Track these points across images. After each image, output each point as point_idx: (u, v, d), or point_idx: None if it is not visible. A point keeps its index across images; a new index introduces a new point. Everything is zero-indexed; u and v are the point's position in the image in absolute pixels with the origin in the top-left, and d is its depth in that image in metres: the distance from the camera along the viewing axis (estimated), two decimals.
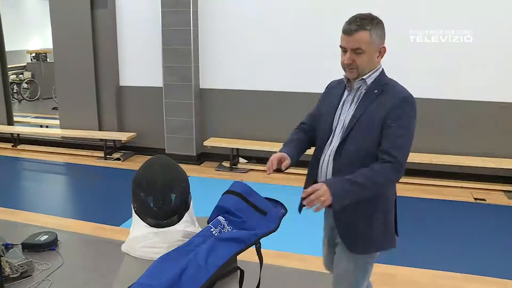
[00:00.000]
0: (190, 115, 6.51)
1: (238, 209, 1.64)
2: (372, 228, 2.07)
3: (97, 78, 7.07)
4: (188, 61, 6.33)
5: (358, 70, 1.99)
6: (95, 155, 7.08)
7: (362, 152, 1.97)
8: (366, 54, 1.95)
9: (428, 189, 5.50)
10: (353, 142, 1.99)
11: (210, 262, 1.40)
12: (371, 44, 1.95)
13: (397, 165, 1.90)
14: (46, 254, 3.82)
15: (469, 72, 5.45)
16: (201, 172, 6.26)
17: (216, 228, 1.56)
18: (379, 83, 2.01)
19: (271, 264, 3.50)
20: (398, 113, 1.93)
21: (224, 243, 1.47)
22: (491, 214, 4.85)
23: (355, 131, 1.99)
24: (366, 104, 2.00)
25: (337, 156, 2.04)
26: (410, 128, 1.96)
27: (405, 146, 1.94)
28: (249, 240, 1.55)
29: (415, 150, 5.63)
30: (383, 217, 2.08)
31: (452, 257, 3.84)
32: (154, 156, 1.55)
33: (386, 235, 2.12)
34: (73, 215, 4.80)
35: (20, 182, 6.17)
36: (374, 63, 2.01)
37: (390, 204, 2.12)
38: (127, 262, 1.47)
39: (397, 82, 2.07)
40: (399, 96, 1.96)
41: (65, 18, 7.00)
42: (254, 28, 6.16)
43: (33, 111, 11.75)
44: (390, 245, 2.16)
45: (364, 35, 1.93)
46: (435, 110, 5.62)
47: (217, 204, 1.69)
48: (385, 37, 2.02)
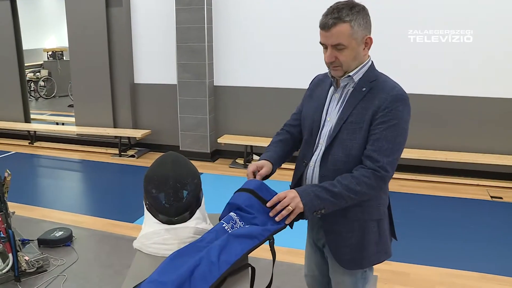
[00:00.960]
0: (204, 112, 6.53)
1: (249, 205, 1.62)
2: (366, 241, 1.85)
3: (112, 76, 7.13)
4: (202, 59, 6.34)
5: (343, 67, 1.76)
6: (109, 152, 7.14)
7: (350, 157, 1.76)
8: (349, 48, 1.71)
9: (443, 187, 5.44)
10: (340, 147, 1.77)
11: (223, 259, 1.40)
12: (353, 37, 1.69)
13: (381, 172, 1.67)
14: (61, 249, 3.87)
15: (483, 68, 5.38)
16: (215, 169, 6.28)
17: (228, 224, 1.55)
18: (367, 80, 1.78)
19: (282, 261, 3.50)
20: (386, 113, 1.69)
21: (237, 240, 1.47)
22: (508, 212, 4.78)
23: (342, 134, 1.77)
24: (354, 103, 1.77)
25: (323, 161, 1.82)
26: (401, 129, 1.72)
27: (392, 149, 1.70)
28: (262, 236, 1.53)
29: (430, 148, 5.66)
30: (376, 226, 1.86)
31: (468, 256, 3.79)
32: (166, 153, 1.56)
33: (382, 246, 1.90)
34: (88, 212, 4.85)
35: (36, 178, 6.25)
36: (361, 57, 1.77)
37: (383, 209, 1.88)
38: (138, 258, 1.47)
39: (388, 77, 1.82)
40: (389, 94, 1.72)
41: (81, 17, 7.07)
42: (268, 25, 6.14)
43: (50, 108, 11.90)
44: (386, 256, 1.95)
45: (343, 28, 1.67)
46: (452, 107, 5.57)
47: (229, 202, 1.68)
48: (371, 25, 1.76)
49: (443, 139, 5.68)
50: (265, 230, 1.56)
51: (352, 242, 1.86)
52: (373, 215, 1.84)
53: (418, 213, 4.73)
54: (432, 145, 5.74)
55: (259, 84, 6.38)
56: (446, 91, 5.55)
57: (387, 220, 1.93)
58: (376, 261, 1.93)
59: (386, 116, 1.69)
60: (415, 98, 5.63)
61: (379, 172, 1.67)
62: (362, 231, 1.85)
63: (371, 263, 1.93)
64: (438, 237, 4.15)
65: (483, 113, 5.49)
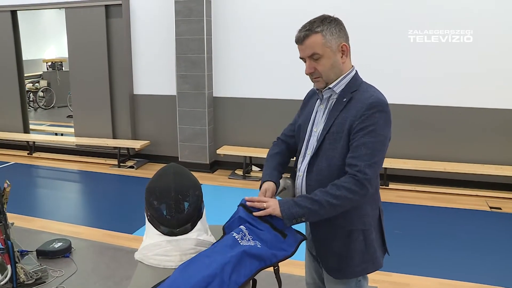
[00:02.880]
0: (203, 123, 6.55)
1: (257, 222, 1.66)
2: (350, 250, 1.86)
3: (112, 87, 7.16)
4: (201, 70, 6.37)
5: (323, 77, 1.83)
6: (108, 163, 7.14)
7: (333, 166, 1.79)
8: (325, 57, 1.78)
9: (442, 198, 5.45)
10: (324, 156, 1.82)
11: (233, 279, 1.40)
12: (326, 45, 1.77)
13: (359, 175, 1.68)
14: (60, 261, 3.85)
15: (482, 80, 5.42)
16: (214, 180, 6.28)
17: (238, 235, 1.56)
18: (349, 90, 1.82)
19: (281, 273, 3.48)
20: (363, 120, 1.72)
21: (248, 260, 1.47)
22: (507, 223, 4.78)
23: (325, 144, 1.82)
24: (335, 114, 1.81)
25: (309, 171, 1.87)
26: (378, 135, 1.73)
27: (371, 155, 1.71)
28: (269, 261, 1.54)
29: (428, 158, 5.68)
30: (362, 236, 1.86)
31: (467, 266, 3.79)
32: (168, 164, 1.56)
33: (368, 256, 1.89)
34: (87, 223, 4.84)
35: (35, 189, 6.24)
36: (339, 66, 1.82)
37: (371, 220, 1.88)
38: (140, 270, 1.47)
39: (371, 86, 1.85)
40: (367, 102, 1.74)
41: (81, 28, 7.12)
42: (267, 37, 6.19)
43: (49, 119, 11.92)
44: (374, 267, 1.92)
45: (315, 38, 1.77)
46: (450, 117, 5.60)
47: (238, 215, 1.70)
48: (346, 34, 1.83)
49: (442, 149, 5.70)
50: (273, 256, 1.57)
51: (337, 251, 1.89)
52: (356, 225, 1.86)
53: (417, 224, 4.73)
54: (430, 155, 5.76)
55: (258, 95, 6.41)
56: (445, 102, 5.59)
57: (376, 232, 1.93)
58: (363, 272, 1.93)
59: (363, 123, 1.73)
60: (413, 109, 5.67)
61: (357, 176, 1.69)
62: (346, 240, 1.87)
63: (358, 274, 1.93)
64: (437, 247, 4.15)
65: (482, 123, 5.52)
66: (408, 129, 5.76)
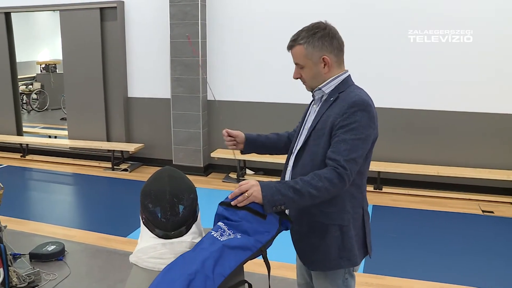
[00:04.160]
0: (197, 126, 6.55)
1: (233, 214, 1.65)
2: (326, 243, 1.92)
3: (106, 89, 7.15)
4: (196, 73, 6.38)
5: (307, 84, 1.97)
6: (102, 166, 7.12)
7: (316, 161, 1.87)
8: (307, 68, 1.91)
9: (435, 201, 5.48)
10: (308, 152, 1.92)
11: (217, 272, 1.41)
12: (307, 57, 1.88)
13: (339, 169, 1.73)
14: (53, 264, 3.84)
15: (477, 83, 5.46)
16: (208, 184, 6.28)
17: (217, 232, 1.57)
18: (337, 91, 1.91)
19: (275, 276, 3.50)
20: (345, 118, 1.80)
21: (232, 252, 1.48)
22: (499, 226, 4.82)
23: (310, 140, 1.92)
24: (322, 112, 1.91)
25: (294, 165, 1.98)
26: (358, 132, 1.78)
27: (350, 150, 1.76)
28: (254, 247, 1.55)
29: (421, 162, 5.71)
30: (339, 231, 1.91)
31: (460, 270, 3.81)
32: (163, 167, 1.57)
33: (345, 252, 1.92)
34: (81, 226, 4.82)
35: (28, 192, 6.21)
36: (322, 76, 1.91)
37: (350, 217, 1.92)
38: (134, 272, 1.48)
39: (359, 88, 1.93)
40: (349, 101, 1.82)
41: (75, 30, 7.11)
42: (262, 40, 6.20)
43: (42, 121, 11.87)
44: (350, 264, 1.95)
45: (298, 50, 1.90)
46: (444, 122, 5.63)
47: (216, 213, 1.71)
48: (333, 45, 1.88)
49: (435, 153, 5.73)
50: (257, 241, 1.57)
51: (313, 242, 1.95)
52: (334, 220, 1.90)
53: (410, 227, 4.75)
54: (424, 159, 5.79)
55: (253, 98, 6.42)
56: (439, 107, 5.62)
57: (357, 231, 1.96)
58: (338, 266, 1.95)
59: (344, 121, 1.80)
60: (407, 113, 5.70)
61: (338, 169, 1.74)
62: (323, 233, 1.92)
63: (332, 267, 1.96)
64: (430, 251, 4.17)
65: (475, 128, 5.56)
66: (402, 133, 5.79)
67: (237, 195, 1.68)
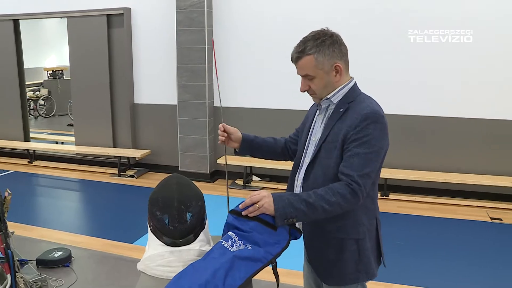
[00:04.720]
0: (204, 133, 6.55)
1: (244, 223, 1.63)
2: (343, 258, 1.88)
3: (112, 96, 7.18)
4: (202, 79, 6.39)
5: (317, 95, 1.89)
6: (109, 172, 7.14)
7: (328, 175, 1.82)
8: (318, 78, 1.84)
9: (442, 208, 5.44)
10: (320, 165, 1.86)
11: (228, 283, 1.40)
12: (318, 67, 1.81)
13: (353, 185, 1.70)
14: (60, 270, 3.85)
15: (479, 90, 5.44)
16: (215, 190, 6.27)
17: (228, 242, 1.56)
18: (346, 101, 1.86)
19: (283, 283, 3.47)
20: (357, 131, 1.75)
21: (241, 263, 1.47)
22: (507, 234, 4.78)
23: (321, 153, 1.86)
24: (332, 124, 1.86)
25: (305, 179, 1.92)
26: (371, 146, 1.75)
27: (364, 165, 1.73)
28: (265, 259, 1.53)
29: (428, 169, 5.68)
30: (355, 245, 1.88)
31: (468, 277, 3.78)
32: (171, 175, 1.56)
33: (361, 265, 1.90)
34: (87, 232, 4.83)
35: (35, 198, 6.23)
36: (333, 84, 1.86)
37: (365, 230, 1.89)
38: (142, 280, 1.47)
39: (368, 97, 1.89)
40: (361, 113, 1.77)
41: (83, 37, 7.16)
42: (268, 46, 6.21)
43: (49, 127, 11.93)
44: (367, 276, 1.93)
45: (307, 61, 1.81)
46: (451, 128, 5.60)
47: (226, 222, 1.69)
48: (342, 51, 1.84)
49: (442, 160, 5.70)
50: (267, 253, 1.56)
51: (331, 258, 1.91)
52: (349, 234, 1.87)
53: (417, 234, 4.72)
54: (431, 166, 5.76)
55: (259, 105, 6.42)
56: (446, 113, 5.60)
57: (372, 242, 1.94)
58: (356, 280, 1.93)
59: (357, 134, 1.76)
60: (414, 119, 5.68)
61: (351, 185, 1.70)
62: (339, 248, 1.88)
63: (350, 282, 1.93)
64: (438, 258, 4.14)
65: (482, 134, 5.53)
66: (409, 139, 5.76)
67: (248, 205, 1.64)
